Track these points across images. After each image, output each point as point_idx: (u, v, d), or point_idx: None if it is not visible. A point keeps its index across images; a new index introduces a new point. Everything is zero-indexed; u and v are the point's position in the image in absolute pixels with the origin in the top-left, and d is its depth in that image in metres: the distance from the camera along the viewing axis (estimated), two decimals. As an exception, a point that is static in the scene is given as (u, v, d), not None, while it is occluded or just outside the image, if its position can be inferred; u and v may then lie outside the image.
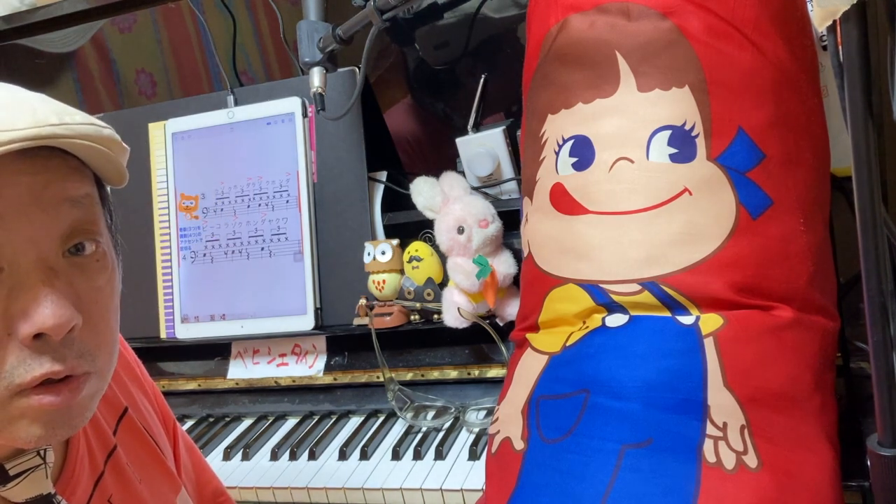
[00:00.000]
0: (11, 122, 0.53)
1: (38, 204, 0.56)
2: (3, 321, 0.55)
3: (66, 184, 0.58)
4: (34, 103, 0.56)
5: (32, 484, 0.62)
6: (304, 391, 1.34)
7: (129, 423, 0.78)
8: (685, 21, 0.85)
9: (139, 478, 0.75)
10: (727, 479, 0.74)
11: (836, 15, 0.59)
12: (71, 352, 0.57)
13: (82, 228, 0.59)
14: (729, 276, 0.82)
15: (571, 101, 0.90)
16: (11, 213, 0.55)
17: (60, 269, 0.57)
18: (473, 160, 1.24)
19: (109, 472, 0.72)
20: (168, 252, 1.41)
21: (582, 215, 0.88)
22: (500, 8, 1.35)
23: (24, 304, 0.55)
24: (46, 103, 0.57)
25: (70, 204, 0.58)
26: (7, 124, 0.53)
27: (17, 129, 0.53)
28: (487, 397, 1.20)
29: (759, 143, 0.84)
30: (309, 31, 1.15)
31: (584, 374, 0.83)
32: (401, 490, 1.06)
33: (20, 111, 0.55)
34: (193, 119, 1.40)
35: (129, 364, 0.83)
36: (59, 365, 0.56)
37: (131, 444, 0.76)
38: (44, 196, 0.57)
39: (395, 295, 1.25)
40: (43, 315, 0.55)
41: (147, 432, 0.79)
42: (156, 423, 0.83)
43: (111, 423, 0.76)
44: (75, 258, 0.59)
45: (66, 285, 0.57)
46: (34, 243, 0.56)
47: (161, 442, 0.81)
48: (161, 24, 1.55)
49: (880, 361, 0.67)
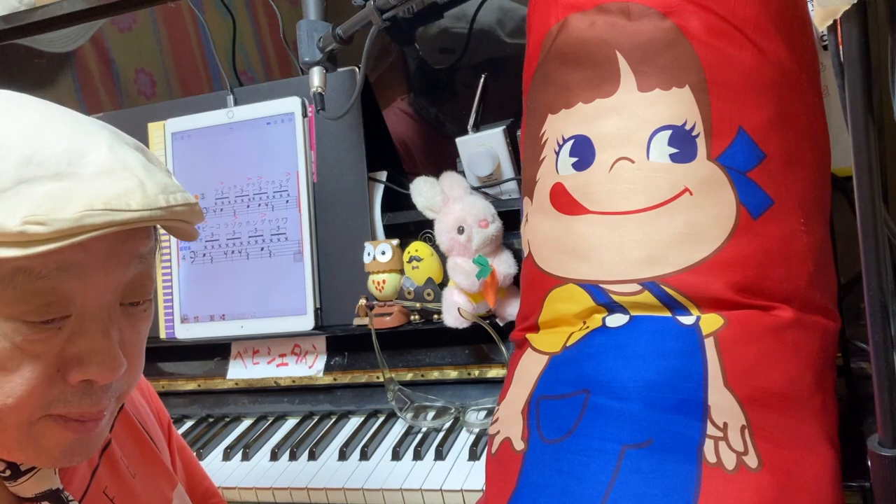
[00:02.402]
0: (125, 199, 0.55)
1: (115, 259, 0.59)
2: (57, 360, 0.57)
3: (138, 241, 0.61)
4: (139, 174, 0.57)
5: (41, 479, 0.64)
6: (303, 391, 1.34)
7: (125, 418, 0.79)
8: (685, 21, 0.85)
9: (133, 472, 0.76)
10: (727, 479, 0.74)
11: (836, 15, 0.59)
12: (108, 393, 0.61)
13: (142, 284, 0.62)
14: (729, 276, 0.82)
15: (571, 100, 0.90)
16: (92, 266, 0.57)
17: (115, 317, 0.60)
18: (473, 160, 1.24)
19: (104, 465, 0.73)
20: (168, 252, 1.41)
21: (582, 215, 0.88)
22: (501, 8, 1.35)
23: (80, 351, 0.58)
24: (150, 174, 0.58)
25: (138, 259, 0.61)
26: (121, 202, 0.55)
27: (132, 210, 0.55)
28: (487, 397, 1.20)
29: (759, 143, 0.84)
30: (309, 31, 1.15)
31: (584, 375, 0.83)
32: (401, 490, 1.06)
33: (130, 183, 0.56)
34: (193, 119, 1.40)
35: None
36: (96, 408, 0.60)
37: (126, 439, 0.78)
38: (121, 251, 0.59)
39: (395, 295, 1.25)
40: (96, 368, 0.58)
41: (143, 427, 0.81)
42: (151, 420, 0.84)
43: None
44: (129, 308, 0.62)
45: (118, 334, 0.60)
46: (103, 294, 0.59)
47: (156, 438, 0.83)
48: (161, 24, 1.55)
49: (880, 361, 0.67)
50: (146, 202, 0.56)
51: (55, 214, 0.52)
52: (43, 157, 0.54)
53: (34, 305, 0.55)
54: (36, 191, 0.53)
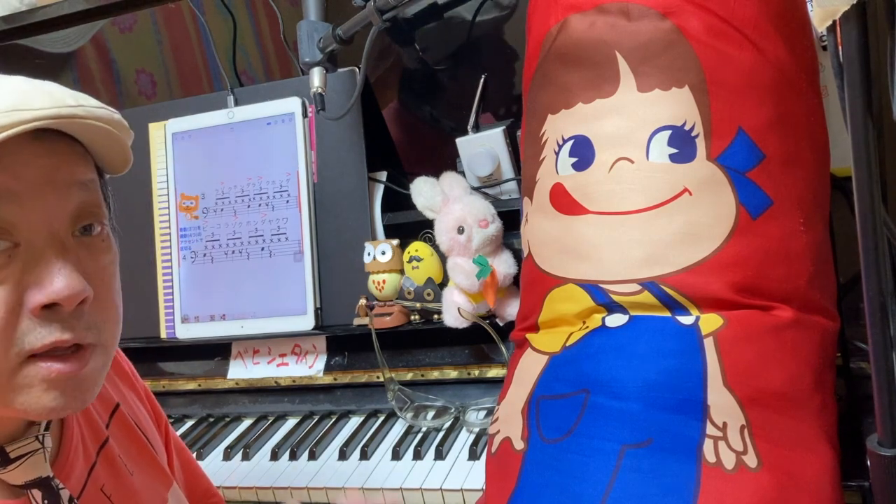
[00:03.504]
0: (29, 102, 0.56)
1: (51, 185, 0.59)
2: (15, 292, 0.57)
3: (75, 168, 0.61)
4: (50, 87, 0.58)
5: (31, 467, 0.64)
6: (304, 391, 1.34)
7: (121, 418, 0.79)
8: (685, 21, 0.85)
9: (130, 471, 0.76)
10: (727, 479, 0.74)
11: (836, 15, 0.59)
12: (79, 323, 0.60)
13: (90, 211, 0.62)
14: (729, 276, 0.82)
15: (571, 101, 0.90)
16: (27, 192, 0.58)
17: (70, 246, 0.60)
18: (473, 160, 1.24)
19: (101, 463, 0.73)
20: (168, 252, 1.41)
21: (582, 215, 0.88)
22: (501, 8, 1.35)
23: (38, 276, 0.58)
24: (61, 88, 0.59)
25: (79, 187, 0.61)
26: (25, 104, 0.56)
27: (36, 108, 0.56)
28: (487, 397, 1.20)
29: (759, 143, 0.84)
30: (309, 31, 1.15)
31: (583, 374, 0.83)
32: (401, 490, 1.06)
33: (37, 93, 0.57)
34: (193, 119, 1.40)
35: (120, 364, 0.85)
36: (68, 333, 0.59)
37: (123, 438, 0.78)
38: (56, 178, 0.59)
39: (395, 295, 1.25)
40: (57, 286, 0.58)
41: (138, 427, 0.81)
42: (147, 421, 0.84)
43: (104, 418, 0.77)
44: (83, 238, 0.62)
45: (76, 261, 0.60)
46: (48, 221, 0.59)
47: (153, 439, 0.83)
48: (161, 24, 1.55)
49: (880, 361, 0.67)
50: (53, 102, 0.57)
51: None
52: None
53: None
54: None
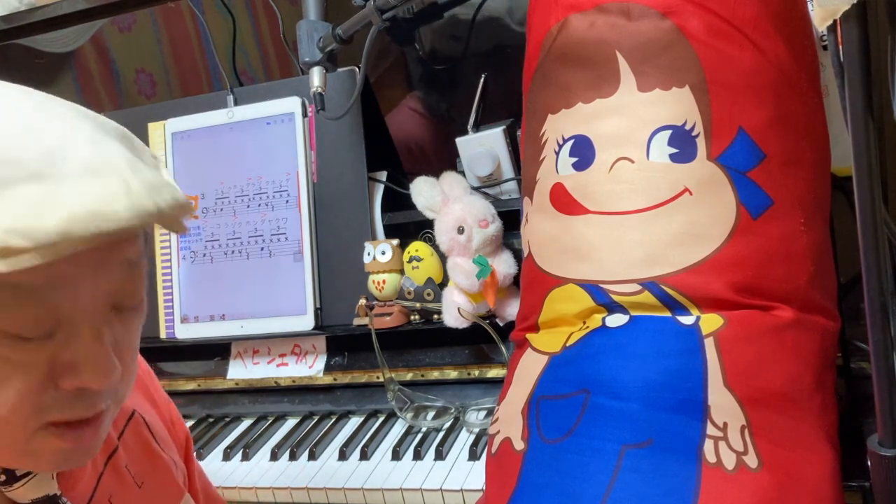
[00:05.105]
0: (110, 204, 0.51)
1: (104, 267, 0.56)
2: (49, 368, 0.55)
3: (126, 246, 0.58)
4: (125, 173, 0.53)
5: (38, 485, 0.63)
6: (303, 391, 1.34)
7: (135, 427, 0.78)
8: (685, 21, 0.85)
9: (140, 482, 0.75)
10: (727, 479, 0.74)
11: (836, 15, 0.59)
12: (103, 397, 0.59)
13: (134, 288, 0.59)
14: (729, 276, 0.82)
15: (571, 100, 0.90)
16: (81, 276, 0.55)
17: (108, 321, 0.58)
18: (473, 160, 1.24)
19: (109, 472, 0.72)
20: (168, 252, 1.41)
21: (582, 215, 0.88)
22: (501, 8, 1.35)
23: (73, 357, 0.55)
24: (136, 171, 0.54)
25: (127, 265, 0.58)
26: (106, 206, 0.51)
27: (118, 216, 0.51)
28: (487, 397, 1.20)
29: (759, 143, 0.84)
30: (309, 31, 1.15)
31: (584, 375, 0.83)
32: (401, 490, 1.06)
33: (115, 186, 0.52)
34: (193, 119, 1.40)
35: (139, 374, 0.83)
36: (92, 412, 0.58)
37: (134, 447, 0.77)
38: (110, 259, 0.56)
39: (395, 295, 1.25)
40: (90, 375, 0.56)
41: (153, 437, 0.80)
42: (163, 432, 0.83)
43: (119, 426, 0.76)
44: (121, 310, 0.59)
45: (110, 338, 0.58)
46: (94, 302, 0.56)
47: (168, 450, 0.81)
48: (161, 24, 1.55)
49: (880, 361, 0.67)
50: (132, 205, 0.52)
51: (37, 224, 0.49)
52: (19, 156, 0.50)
53: (23, 320, 0.53)
54: (15, 196, 0.49)
